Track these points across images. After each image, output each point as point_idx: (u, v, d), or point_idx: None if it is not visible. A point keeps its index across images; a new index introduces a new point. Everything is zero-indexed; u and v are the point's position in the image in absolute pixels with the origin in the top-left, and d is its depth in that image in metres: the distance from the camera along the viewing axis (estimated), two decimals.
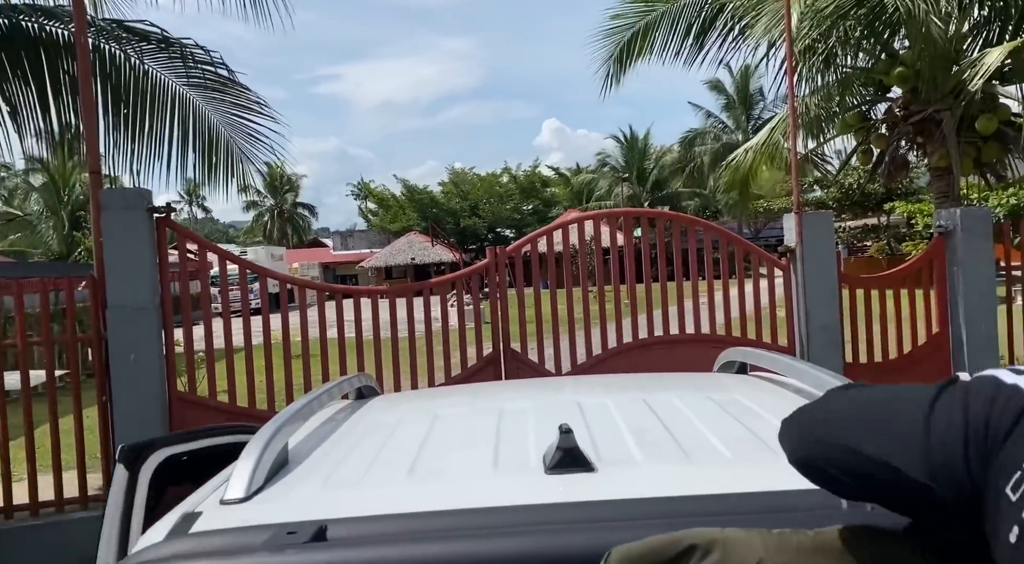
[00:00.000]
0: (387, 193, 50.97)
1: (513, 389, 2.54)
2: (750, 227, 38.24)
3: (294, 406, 1.59)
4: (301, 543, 0.91)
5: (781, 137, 8.96)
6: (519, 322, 5.60)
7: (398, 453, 1.41)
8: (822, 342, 5.61)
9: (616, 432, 1.42)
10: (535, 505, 1.03)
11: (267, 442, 1.33)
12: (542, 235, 5.84)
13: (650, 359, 5.56)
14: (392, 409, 1.98)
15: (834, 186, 26.86)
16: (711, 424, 1.45)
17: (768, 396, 1.75)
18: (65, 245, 28.98)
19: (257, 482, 1.23)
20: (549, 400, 1.92)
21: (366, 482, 1.26)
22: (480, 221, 47.72)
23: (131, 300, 4.67)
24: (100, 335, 4.76)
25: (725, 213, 35.71)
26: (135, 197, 4.78)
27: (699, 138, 40.51)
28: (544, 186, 51.72)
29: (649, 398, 1.69)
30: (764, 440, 1.33)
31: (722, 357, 2.23)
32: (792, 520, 0.87)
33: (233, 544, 0.96)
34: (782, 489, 1.03)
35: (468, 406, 1.89)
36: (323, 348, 5.30)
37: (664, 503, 1.00)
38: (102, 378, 4.75)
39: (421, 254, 40.56)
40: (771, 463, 1.22)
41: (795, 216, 5.66)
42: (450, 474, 1.27)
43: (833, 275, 5.67)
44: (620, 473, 1.18)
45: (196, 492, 1.40)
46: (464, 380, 5.46)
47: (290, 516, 1.09)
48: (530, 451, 1.31)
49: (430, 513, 1.03)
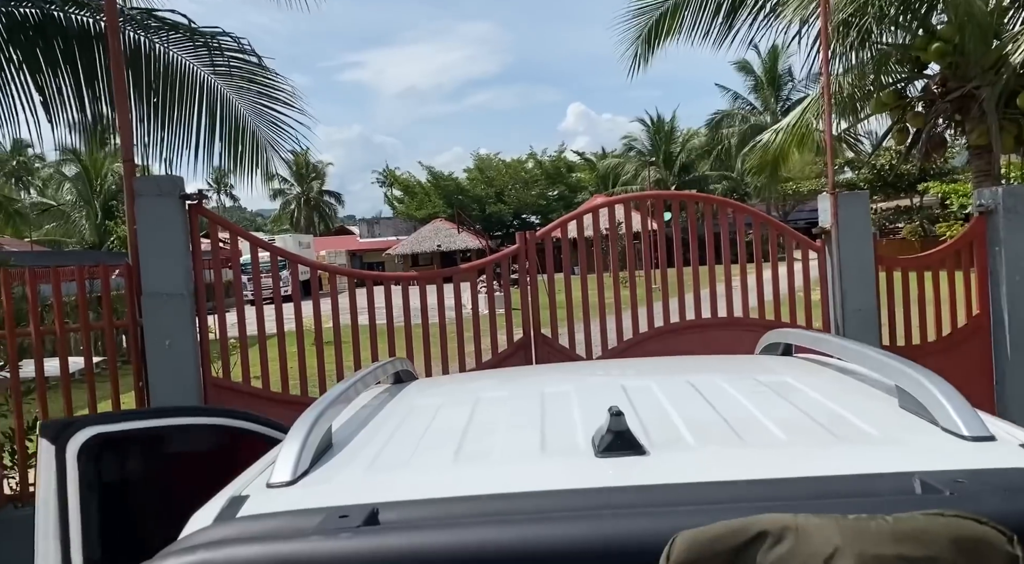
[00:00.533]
0: (412, 180, 51.06)
1: (553, 372, 2.52)
2: (778, 209, 37.74)
3: (335, 390, 1.58)
4: (354, 527, 0.89)
5: (813, 118, 8.79)
6: (549, 308, 5.57)
7: (442, 436, 1.39)
8: (858, 325, 5.51)
9: (664, 415, 1.38)
10: (590, 489, 1.00)
11: (312, 425, 1.32)
12: (571, 220, 5.79)
13: (682, 343, 5.51)
14: (432, 393, 1.97)
15: (866, 167, 26.38)
16: (761, 406, 1.41)
17: (818, 378, 1.70)
18: (98, 234, 29.50)
19: (303, 465, 1.22)
20: (591, 383, 1.89)
21: (412, 465, 1.24)
22: (506, 207, 47.64)
23: (165, 287, 4.72)
24: (136, 322, 4.82)
25: (753, 196, 35.27)
26: (168, 185, 4.81)
27: (726, 120, 39.97)
28: (570, 171, 51.46)
29: (695, 380, 1.65)
30: (819, 421, 1.29)
31: (765, 339, 2.18)
32: (863, 506, 0.83)
33: (285, 528, 0.95)
34: (849, 473, 0.99)
35: (509, 389, 1.86)
36: (354, 334, 5.32)
37: (724, 487, 0.97)
38: (139, 364, 4.81)
39: (447, 241, 40.64)
40: (829, 446, 1.18)
41: (830, 197, 5.54)
42: (497, 457, 1.24)
43: (869, 257, 5.55)
44: (673, 456, 1.15)
45: (241, 475, 1.40)
46: (495, 365, 5.44)
47: (337, 500, 1.07)
48: (578, 434, 1.28)
49: (482, 497, 1.01)
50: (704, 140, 42.47)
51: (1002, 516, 0.80)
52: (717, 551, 0.79)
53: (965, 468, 0.99)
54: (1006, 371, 5.65)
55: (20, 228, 22.22)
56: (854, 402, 1.42)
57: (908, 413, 1.32)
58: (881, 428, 1.24)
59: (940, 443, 1.16)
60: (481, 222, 45.91)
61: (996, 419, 1.29)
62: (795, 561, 0.76)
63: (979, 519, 0.78)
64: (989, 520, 0.78)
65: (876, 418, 1.30)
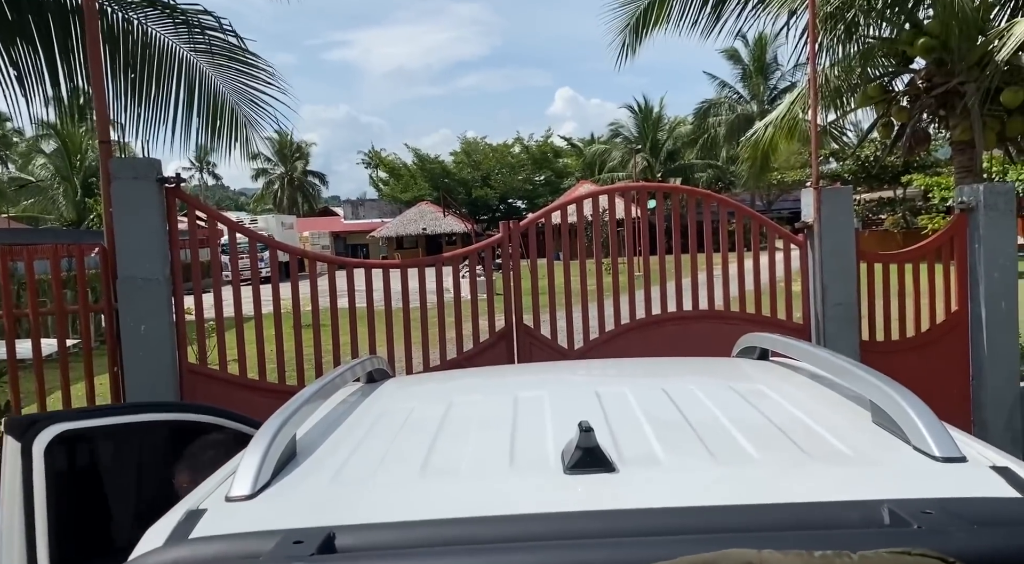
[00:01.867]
0: (398, 162, 50.71)
1: (528, 374, 2.49)
2: (762, 199, 37.89)
3: (302, 395, 1.54)
4: (307, 555, 0.86)
5: (800, 110, 8.78)
6: (532, 296, 5.54)
7: (410, 446, 1.36)
8: (838, 320, 5.54)
9: (636, 426, 1.36)
10: (554, 514, 0.98)
11: (275, 434, 1.28)
12: (556, 209, 5.76)
13: (663, 336, 5.51)
14: (404, 395, 1.94)
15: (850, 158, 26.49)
16: (735, 417, 1.40)
17: (792, 387, 1.69)
18: (77, 211, 29.11)
19: (264, 478, 1.18)
20: (566, 388, 1.87)
21: (377, 480, 1.21)
22: (492, 192, 47.46)
23: (141, 272, 4.65)
24: (111, 305, 4.75)
25: (738, 185, 35.35)
26: (145, 167, 4.73)
27: (713, 109, 39.96)
28: (556, 156, 51.31)
29: (669, 387, 1.63)
30: (791, 437, 1.28)
31: (741, 342, 2.17)
32: (831, 539, 0.81)
33: (236, 552, 0.92)
34: (818, 501, 0.98)
35: (483, 393, 1.83)
36: (334, 320, 5.27)
37: (692, 514, 0.95)
38: (114, 348, 4.75)
39: (432, 224, 40.47)
40: (801, 465, 1.17)
41: (813, 191, 5.55)
42: (464, 472, 1.22)
43: (851, 252, 5.57)
44: (642, 474, 1.13)
45: (202, 484, 1.37)
46: (476, 355, 5.42)
47: (297, 517, 1.04)
48: (548, 446, 1.26)
49: (444, 521, 0.98)
50: (691, 128, 42.44)
51: (969, 553, 0.78)
52: None
53: (934, 495, 0.97)
54: (983, 367, 5.70)
55: None
56: (827, 416, 1.41)
57: (880, 429, 1.31)
58: (853, 446, 1.23)
59: (911, 464, 1.15)
60: (467, 206, 45.73)
61: (968, 438, 1.28)
62: None
63: (946, 559, 0.76)
64: (956, 560, 0.76)
65: (848, 435, 1.28)
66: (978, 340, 5.73)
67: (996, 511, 0.93)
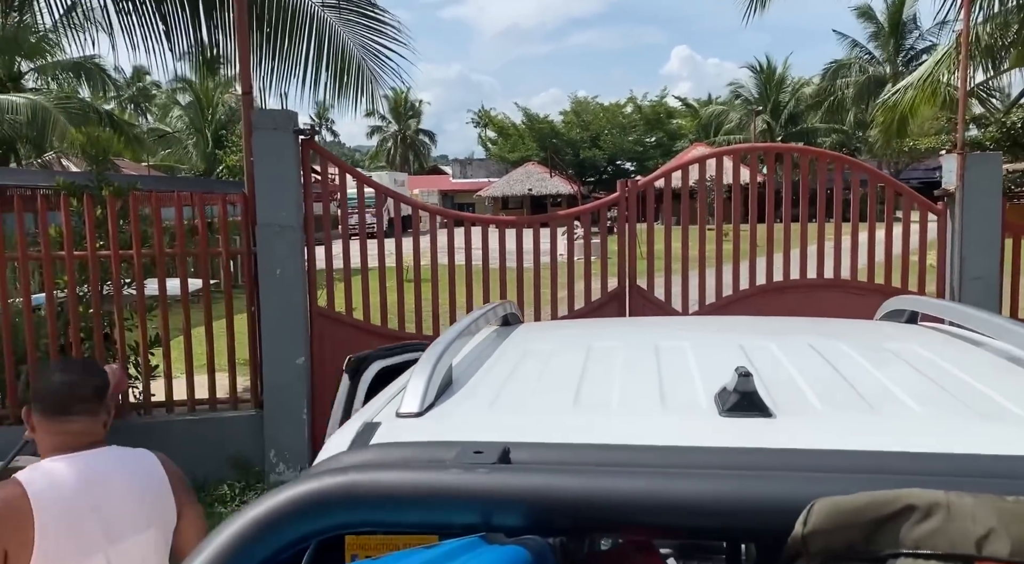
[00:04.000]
0: (507, 121, 50.69)
1: (663, 325, 2.50)
2: (890, 167, 35.61)
3: (454, 329, 1.62)
4: (490, 463, 0.93)
5: (946, 71, 8.17)
6: (647, 258, 5.50)
7: (559, 382, 1.41)
8: (977, 294, 5.21)
9: (788, 378, 1.36)
10: (719, 447, 1.00)
11: (437, 360, 1.36)
12: (674, 170, 5.65)
13: (784, 304, 5.34)
14: (542, 338, 2.00)
15: (994, 125, 24.46)
16: (891, 375, 1.37)
17: (947, 347, 1.63)
18: (207, 162, 30.84)
19: (429, 398, 1.26)
20: (706, 339, 1.87)
21: (533, 408, 1.27)
22: (600, 153, 46.78)
23: (278, 218, 4.92)
24: (250, 250, 5.07)
25: (864, 151, 33.39)
26: (283, 119, 4.97)
27: (842, 70, 37.62)
28: (670, 117, 49.85)
29: (816, 344, 1.61)
30: (956, 396, 1.24)
31: (886, 305, 2.10)
32: (1015, 487, 0.80)
33: (419, 457, 0.99)
34: (1002, 453, 0.96)
35: (620, 339, 1.86)
36: (451, 274, 5.42)
37: (862, 457, 0.95)
38: (251, 289, 5.08)
39: (538, 185, 40.41)
40: (971, 422, 1.14)
41: (957, 156, 5.20)
42: (617, 408, 1.25)
43: (996, 223, 5.21)
44: (802, 421, 1.14)
45: (370, 402, 1.47)
46: (588, 314, 5.46)
47: (464, 434, 1.11)
48: (699, 392, 1.28)
49: (610, 446, 1.03)
50: (816, 90, 40.21)
51: None
52: (859, 522, 0.78)
53: None
54: None
55: (138, 152, 23.49)
56: (993, 377, 1.36)
57: None
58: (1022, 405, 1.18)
59: None
60: (574, 167, 45.33)
61: None
62: (943, 539, 0.75)
63: None
64: None
65: (1019, 396, 1.24)
66: None
67: None
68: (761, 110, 41.07)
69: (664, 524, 0.87)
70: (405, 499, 0.88)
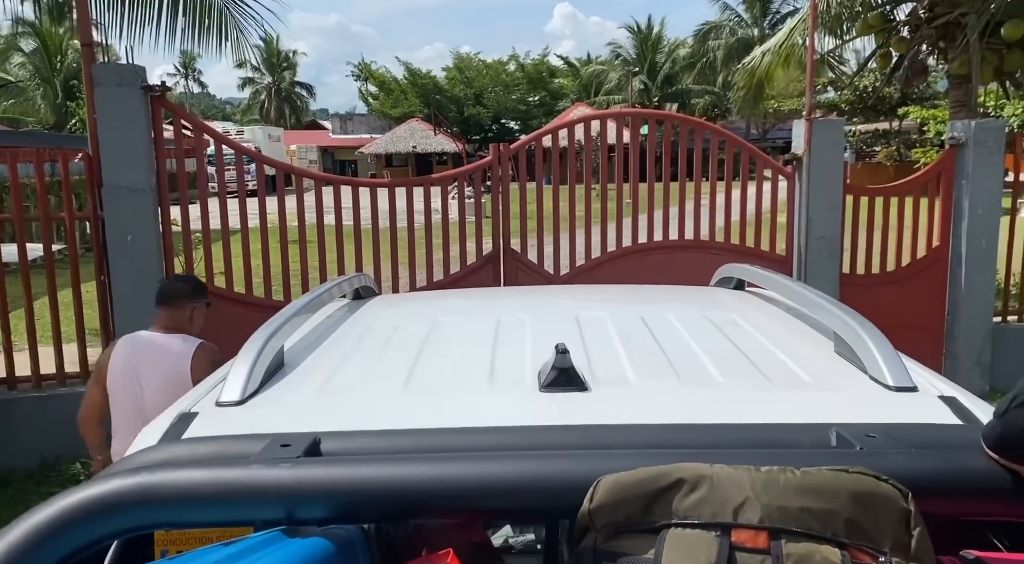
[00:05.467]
0: (389, 76, 49.43)
1: (512, 297, 2.54)
2: (758, 128, 37.44)
3: (291, 307, 1.58)
4: (295, 457, 0.92)
5: (800, 37, 8.61)
6: (520, 220, 5.56)
7: (394, 361, 1.42)
8: (820, 252, 5.61)
9: (611, 350, 1.42)
10: (527, 427, 1.04)
11: (263, 345, 1.33)
12: (548, 133, 5.70)
13: (648, 264, 5.57)
14: (389, 313, 1.99)
15: (848, 88, 26.08)
16: (705, 344, 1.46)
17: (762, 315, 1.75)
18: (58, 115, 28.36)
19: (252, 385, 1.24)
20: (548, 311, 1.92)
21: (362, 391, 1.27)
22: (485, 111, 46.54)
23: (127, 181, 4.61)
24: (97, 214, 4.74)
25: (735, 112, 34.85)
26: (129, 74, 4.62)
27: (714, 32, 38.95)
28: (552, 76, 50.11)
29: (646, 314, 1.69)
30: (756, 364, 1.34)
31: (720, 272, 2.23)
32: (780, 457, 0.88)
33: (226, 453, 0.97)
34: (772, 422, 1.04)
35: (466, 314, 1.88)
36: (320, 236, 5.28)
37: (654, 431, 1.02)
38: (100, 257, 4.76)
39: (423, 142, 39.78)
40: (762, 390, 1.23)
41: (805, 123, 5.52)
42: (445, 388, 1.27)
43: (838, 185, 5.59)
44: (612, 394, 1.19)
45: (193, 389, 1.42)
46: (463, 278, 5.48)
47: (284, 423, 1.10)
48: (526, 366, 1.32)
49: (422, 430, 1.04)
50: (690, 51, 41.45)
51: (902, 473, 0.85)
52: (636, 495, 0.84)
53: (882, 420, 1.04)
54: (959, 302, 5.83)
55: None
56: (792, 345, 1.47)
57: (841, 359, 1.37)
58: (813, 374, 1.29)
59: (865, 392, 1.22)
60: (459, 125, 44.91)
61: (923, 369, 1.35)
62: (707, 508, 0.81)
63: (879, 476, 0.83)
64: (889, 477, 0.83)
65: (810, 363, 1.35)
66: (956, 276, 5.83)
67: (934, 436, 1.01)
68: (638, 71, 41.96)
69: (464, 508, 0.90)
70: (203, 498, 0.86)
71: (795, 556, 0.78)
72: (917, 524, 0.82)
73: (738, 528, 0.80)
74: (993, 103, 16.02)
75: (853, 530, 0.80)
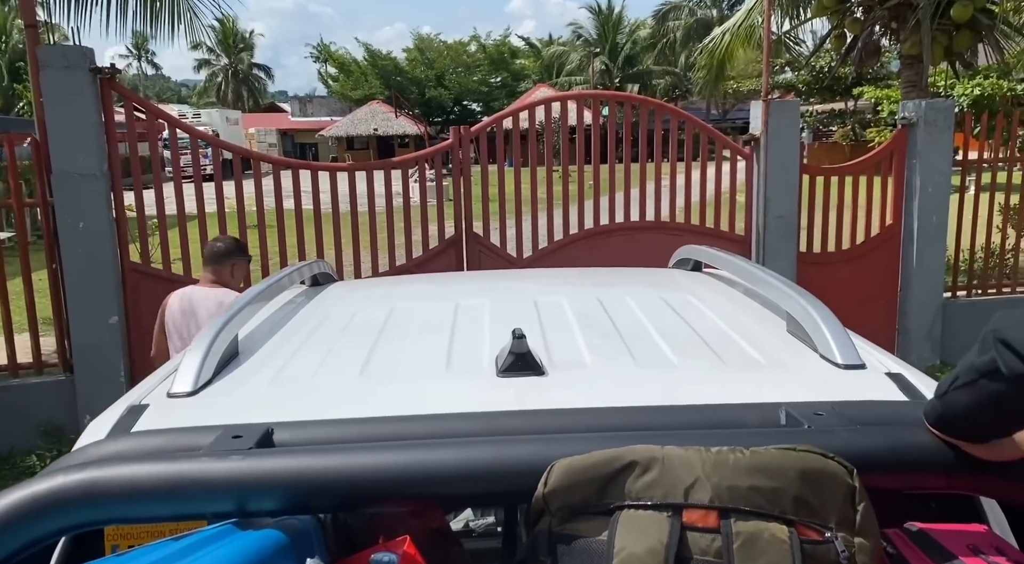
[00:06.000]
0: (348, 57, 48.67)
1: (472, 282, 2.54)
2: (718, 108, 37.75)
3: (246, 295, 1.56)
4: (246, 449, 0.91)
5: (759, 18, 8.68)
6: (482, 203, 5.53)
7: (351, 349, 1.41)
8: (778, 232, 5.70)
9: (568, 333, 1.43)
10: (482, 413, 1.04)
11: (217, 333, 1.31)
12: (508, 115, 5.68)
13: (610, 246, 5.60)
14: (347, 299, 1.97)
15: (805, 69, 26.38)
16: (661, 326, 1.48)
17: (718, 296, 1.77)
18: (4, 98, 27.39)
19: (205, 375, 1.22)
20: (507, 296, 1.93)
21: (317, 380, 1.26)
22: (446, 92, 46.11)
23: (77, 166, 4.49)
24: (47, 201, 4.60)
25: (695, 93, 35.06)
26: (76, 56, 4.48)
27: (674, 12, 39.08)
28: (514, 57, 49.82)
29: (603, 297, 1.70)
30: (711, 345, 1.36)
31: (677, 254, 2.25)
32: (731, 437, 0.90)
33: (176, 445, 0.96)
34: (723, 403, 1.06)
35: (425, 299, 1.88)
36: (280, 221, 5.21)
37: (608, 414, 1.03)
38: (51, 245, 4.64)
39: (384, 125, 39.28)
40: (716, 371, 1.25)
41: (762, 104, 5.58)
42: (401, 375, 1.27)
43: (795, 165, 5.67)
44: (569, 377, 1.20)
45: (144, 380, 1.40)
46: (425, 262, 5.45)
47: (237, 414, 1.09)
48: (484, 351, 1.32)
49: (376, 419, 1.04)
50: (650, 32, 41.52)
51: (849, 449, 0.88)
52: (590, 478, 0.85)
53: (832, 398, 1.07)
54: (911, 278, 5.97)
55: None
56: (746, 325, 1.50)
57: (793, 338, 1.40)
58: (765, 354, 1.32)
59: (815, 370, 1.25)
60: (420, 106, 44.45)
61: (872, 347, 1.39)
62: (659, 490, 0.83)
63: (825, 454, 0.85)
64: (835, 455, 0.85)
65: (763, 343, 1.37)
66: (908, 253, 5.97)
67: (880, 412, 1.03)
68: (599, 51, 41.93)
69: (419, 496, 0.90)
70: (152, 493, 0.85)
71: (744, 534, 0.80)
72: (862, 499, 0.84)
73: (689, 508, 0.81)
74: (944, 83, 16.37)
75: (801, 507, 0.82)
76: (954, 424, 0.92)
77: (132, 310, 4.79)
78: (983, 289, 6.34)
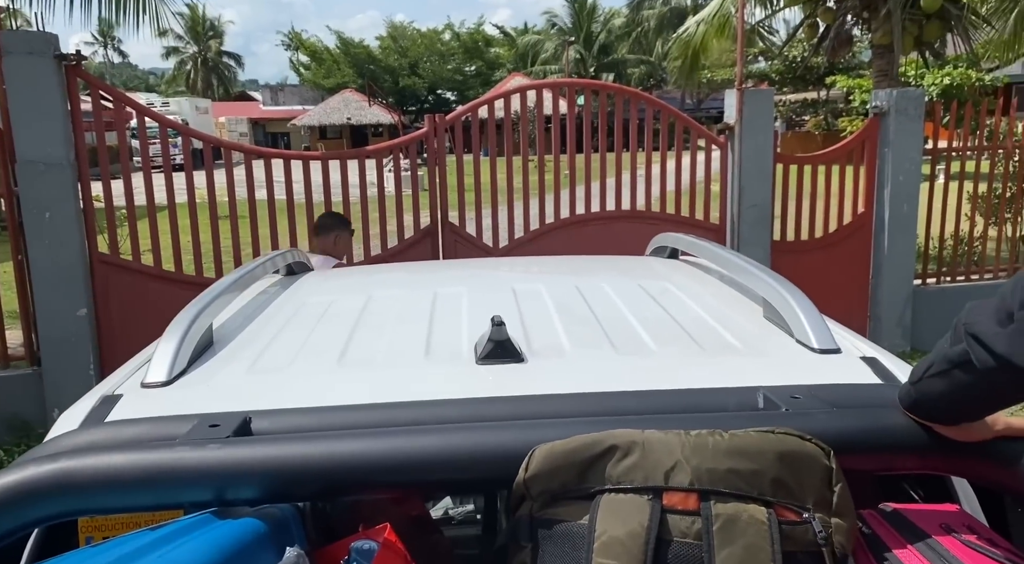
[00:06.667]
0: (320, 45, 48.15)
1: (449, 270, 2.53)
2: (692, 98, 37.92)
3: (220, 284, 1.53)
4: (224, 437, 0.90)
5: (732, 8, 8.72)
6: (458, 192, 5.51)
7: (328, 337, 1.39)
8: (752, 220, 5.74)
9: (547, 321, 1.43)
10: (462, 399, 1.04)
11: (191, 322, 1.29)
12: (484, 103, 5.65)
13: (586, 235, 5.60)
14: (323, 288, 1.95)
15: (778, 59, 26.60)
16: (639, 313, 1.48)
17: (695, 283, 1.78)
18: None
19: (180, 365, 1.20)
20: (485, 284, 1.92)
21: (295, 368, 1.25)
22: (420, 81, 45.85)
23: (42, 155, 4.40)
24: (11, 191, 4.50)
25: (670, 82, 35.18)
26: (40, 42, 4.38)
27: (648, 1, 39.15)
28: (488, 46, 49.63)
29: (581, 284, 1.70)
30: (688, 331, 1.37)
31: (654, 242, 2.26)
32: (709, 420, 0.90)
33: (151, 434, 0.94)
34: (702, 387, 1.07)
35: (402, 288, 1.86)
36: (252, 212, 5.15)
37: (588, 399, 1.03)
38: (16, 236, 4.54)
39: (357, 114, 38.95)
40: (694, 356, 1.26)
41: (736, 93, 5.61)
42: (380, 363, 1.26)
43: (769, 154, 5.71)
44: (548, 364, 1.20)
45: (117, 371, 1.37)
46: (401, 252, 5.42)
47: (214, 403, 1.07)
48: (463, 339, 1.31)
49: (355, 406, 1.03)
50: (625, 21, 41.56)
51: (825, 431, 0.88)
52: (570, 463, 0.85)
53: (808, 382, 1.08)
54: (882, 266, 6.06)
55: None
56: (723, 312, 1.51)
57: (770, 324, 1.41)
58: (742, 339, 1.33)
59: (792, 355, 1.26)
60: (394, 95, 44.14)
61: (847, 332, 1.40)
62: (639, 473, 0.83)
63: (803, 436, 0.86)
64: (812, 436, 0.86)
65: (740, 329, 1.38)
66: (880, 240, 6.06)
67: (855, 395, 1.05)
68: (574, 40, 41.87)
69: (399, 483, 0.89)
70: (126, 483, 0.83)
71: (724, 516, 0.80)
72: (838, 481, 0.85)
73: (669, 491, 0.82)
74: (914, 72, 16.59)
75: (779, 489, 0.83)
76: (928, 409, 0.94)
77: (101, 302, 4.71)
78: (952, 276, 6.45)
